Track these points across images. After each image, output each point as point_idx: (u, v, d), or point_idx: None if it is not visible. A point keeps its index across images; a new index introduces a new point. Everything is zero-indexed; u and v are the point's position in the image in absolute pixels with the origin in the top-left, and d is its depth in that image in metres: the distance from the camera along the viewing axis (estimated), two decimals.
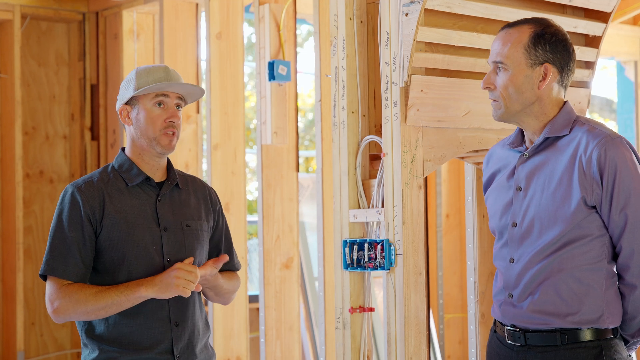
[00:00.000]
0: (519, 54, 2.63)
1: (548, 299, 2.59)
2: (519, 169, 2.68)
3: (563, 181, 2.58)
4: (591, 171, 2.54)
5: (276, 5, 4.98)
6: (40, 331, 5.89)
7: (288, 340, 5.02)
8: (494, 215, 2.76)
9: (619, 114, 7.45)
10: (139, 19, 5.81)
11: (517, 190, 2.67)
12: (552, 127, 2.64)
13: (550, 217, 2.58)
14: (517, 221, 2.65)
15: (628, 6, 6.44)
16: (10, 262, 5.71)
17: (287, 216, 5.08)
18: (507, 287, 2.68)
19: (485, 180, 2.85)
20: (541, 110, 2.66)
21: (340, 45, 3.33)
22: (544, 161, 2.64)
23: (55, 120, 6.02)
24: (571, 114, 2.66)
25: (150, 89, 2.78)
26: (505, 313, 2.68)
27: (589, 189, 2.54)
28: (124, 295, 2.68)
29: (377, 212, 3.21)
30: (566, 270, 2.57)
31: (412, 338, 3.13)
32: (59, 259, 2.72)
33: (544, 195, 2.60)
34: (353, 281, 3.30)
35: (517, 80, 2.63)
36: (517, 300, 2.64)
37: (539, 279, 2.60)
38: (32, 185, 5.90)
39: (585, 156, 2.55)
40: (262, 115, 4.97)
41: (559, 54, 2.64)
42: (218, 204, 2.99)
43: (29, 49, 5.93)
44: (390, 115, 3.16)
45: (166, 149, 2.81)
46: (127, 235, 2.75)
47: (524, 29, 2.65)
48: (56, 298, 2.70)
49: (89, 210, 2.74)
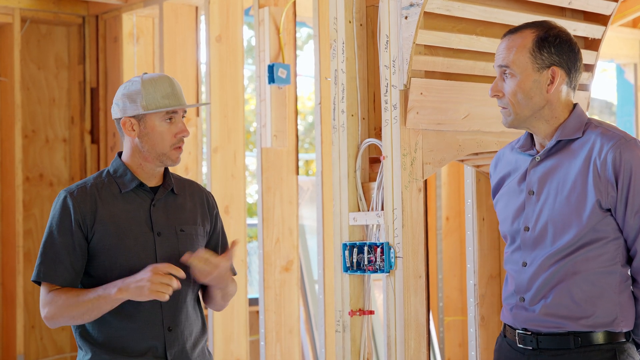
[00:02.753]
0: (525, 59, 2.60)
1: (561, 302, 2.56)
2: (530, 172, 2.65)
3: (577, 184, 2.55)
4: (606, 174, 2.51)
5: (276, 8, 4.98)
6: (40, 334, 5.89)
7: (288, 343, 5.02)
8: (505, 220, 2.72)
9: (619, 117, 7.46)
10: (139, 22, 5.82)
11: (530, 195, 2.64)
12: (563, 130, 2.61)
13: (565, 220, 2.55)
14: (530, 225, 2.62)
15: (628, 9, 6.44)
16: (10, 266, 5.71)
17: (287, 219, 5.08)
18: (519, 290, 2.64)
19: (494, 184, 2.80)
20: (551, 114, 2.62)
21: (339, 48, 3.33)
22: (557, 165, 2.60)
23: (55, 124, 6.02)
24: (583, 117, 2.63)
25: (164, 109, 2.76)
26: (517, 317, 2.65)
27: (603, 191, 2.52)
28: (101, 299, 2.67)
29: (377, 214, 3.21)
30: (580, 273, 2.55)
31: (412, 341, 3.13)
32: (49, 265, 2.73)
33: (558, 199, 2.57)
34: (353, 284, 3.30)
35: (525, 85, 2.60)
36: (529, 304, 2.61)
37: (552, 282, 2.57)
38: (32, 188, 5.90)
39: (599, 159, 2.52)
40: (262, 118, 4.97)
41: (565, 55, 2.61)
42: (215, 208, 2.98)
43: (28, 53, 5.93)
44: (389, 118, 3.16)
45: (175, 162, 2.83)
46: (118, 240, 2.75)
47: (527, 33, 2.62)
48: (46, 304, 2.72)
49: (79, 217, 2.74)
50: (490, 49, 3.30)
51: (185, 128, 2.83)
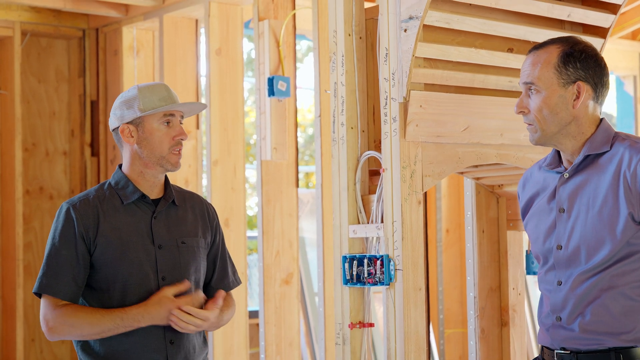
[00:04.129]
0: (550, 75, 2.56)
1: (600, 319, 2.51)
2: (559, 190, 2.60)
3: (608, 199, 2.51)
4: (637, 186, 2.47)
5: (275, 21, 5.00)
6: (40, 347, 5.88)
7: (288, 356, 5.02)
8: (537, 240, 2.66)
9: (619, 129, 7.46)
10: (139, 35, 5.83)
11: (560, 212, 2.59)
12: (591, 144, 2.57)
13: (598, 237, 2.51)
14: (562, 244, 2.58)
15: (627, 21, 6.45)
16: (10, 279, 5.71)
17: (287, 232, 5.08)
18: (555, 310, 2.59)
19: (523, 205, 2.75)
20: (578, 130, 2.59)
21: (339, 61, 3.34)
22: (586, 180, 2.56)
23: (55, 137, 6.02)
24: (609, 130, 2.60)
25: (161, 109, 2.79)
26: (555, 336, 2.59)
27: (636, 204, 2.48)
28: (121, 323, 2.71)
29: (377, 227, 3.21)
30: (617, 287, 2.50)
31: (412, 353, 3.13)
32: (52, 277, 2.73)
33: (590, 215, 2.53)
34: (353, 297, 3.30)
35: (551, 101, 2.57)
36: (567, 322, 2.56)
37: (589, 298, 2.53)
38: (32, 201, 5.90)
39: (629, 171, 2.49)
40: (262, 130, 4.98)
41: (591, 70, 2.58)
42: (215, 219, 2.99)
43: (29, 66, 5.94)
44: (389, 131, 3.16)
45: (175, 167, 2.83)
46: (121, 253, 2.75)
47: (552, 48, 2.59)
48: (51, 319, 2.72)
49: (82, 229, 2.74)
50: (490, 62, 3.31)
51: (184, 131, 2.85)
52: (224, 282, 2.99)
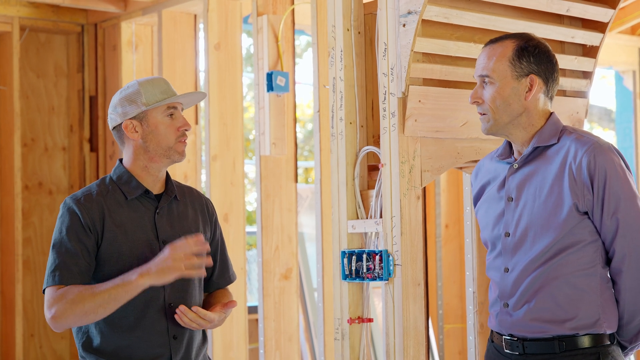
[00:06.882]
0: (505, 67, 2.68)
1: (545, 306, 2.62)
2: (509, 179, 2.72)
3: (554, 189, 2.62)
4: (582, 177, 2.58)
5: (274, 16, 4.99)
6: (40, 343, 5.88)
7: (287, 351, 5.02)
8: (486, 227, 2.80)
9: (618, 124, 7.46)
10: (138, 31, 5.82)
11: (509, 201, 2.71)
12: (540, 137, 2.69)
13: (543, 225, 2.62)
14: (510, 231, 2.69)
15: (626, 16, 6.45)
16: (9, 274, 5.71)
17: (286, 227, 5.08)
18: (503, 296, 2.71)
19: (475, 193, 2.89)
20: (529, 121, 2.70)
21: (338, 56, 3.33)
22: (534, 171, 2.68)
23: (54, 132, 6.02)
24: (558, 124, 2.72)
25: (166, 101, 2.79)
26: (502, 323, 2.71)
27: (580, 195, 2.59)
28: (120, 288, 2.64)
29: (376, 222, 3.21)
30: (561, 277, 2.61)
31: (411, 348, 3.13)
32: (61, 272, 2.69)
33: (536, 204, 2.65)
34: (352, 292, 3.30)
35: (504, 92, 2.68)
36: (513, 309, 2.67)
37: (535, 287, 2.63)
38: (31, 196, 5.90)
39: (575, 163, 2.60)
40: (261, 126, 4.97)
41: (543, 65, 2.70)
42: (214, 214, 3.00)
43: (27, 61, 5.93)
44: (388, 126, 3.16)
45: (182, 156, 2.84)
46: (126, 248, 2.75)
47: (507, 43, 2.71)
48: (53, 303, 2.66)
49: (89, 222, 2.73)
50: None
51: (187, 121, 2.86)
52: (225, 276, 2.99)
